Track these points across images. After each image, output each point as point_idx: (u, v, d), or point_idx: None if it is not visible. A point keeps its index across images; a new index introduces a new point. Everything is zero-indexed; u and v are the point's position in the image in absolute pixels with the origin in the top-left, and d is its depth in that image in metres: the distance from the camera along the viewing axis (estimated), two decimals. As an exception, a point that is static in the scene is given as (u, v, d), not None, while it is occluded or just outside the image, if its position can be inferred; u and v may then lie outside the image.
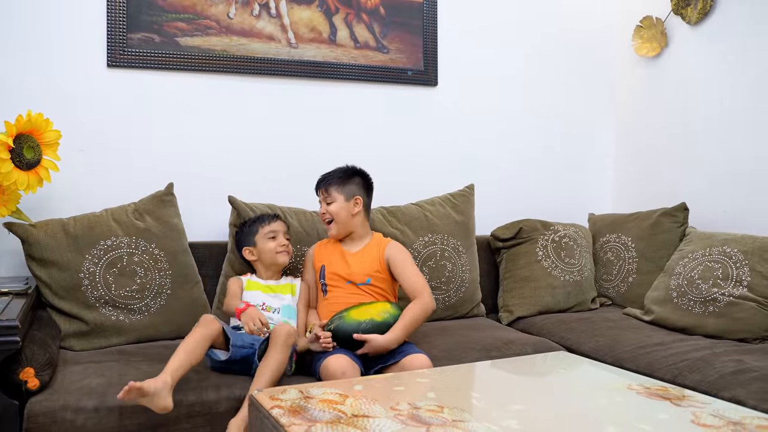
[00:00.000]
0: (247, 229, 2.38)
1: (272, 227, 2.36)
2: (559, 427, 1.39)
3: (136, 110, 2.64)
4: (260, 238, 2.35)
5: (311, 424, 1.35)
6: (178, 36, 2.66)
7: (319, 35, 2.89)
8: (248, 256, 2.37)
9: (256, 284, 2.33)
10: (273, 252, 2.33)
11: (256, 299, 2.26)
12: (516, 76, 3.29)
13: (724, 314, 2.38)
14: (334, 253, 2.35)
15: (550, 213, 3.18)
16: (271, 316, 2.23)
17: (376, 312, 2.10)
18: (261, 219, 2.39)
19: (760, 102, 2.74)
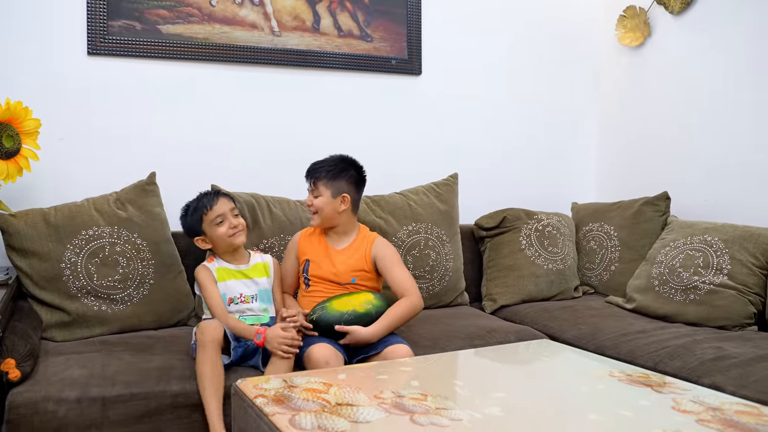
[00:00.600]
0: (190, 218, 2.18)
1: (216, 211, 2.15)
2: (542, 414, 1.40)
3: (117, 99, 2.61)
4: (208, 226, 2.15)
5: (295, 413, 1.35)
6: (160, 24, 2.64)
7: (302, 23, 2.87)
8: (202, 245, 2.20)
9: (227, 272, 2.17)
10: (225, 237, 2.15)
11: (233, 290, 2.14)
12: (500, 65, 3.30)
13: (705, 302, 2.41)
14: (320, 248, 2.27)
15: (533, 202, 3.19)
16: (250, 306, 2.15)
17: (359, 303, 2.09)
18: (201, 206, 2.17)
19: (742, 92, 2.76)
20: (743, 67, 2.75)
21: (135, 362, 1.94)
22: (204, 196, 2.21)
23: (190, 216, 2.19)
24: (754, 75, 2.72)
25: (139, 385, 1.81)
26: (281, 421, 1.32)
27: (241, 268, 2.19)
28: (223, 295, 2.12)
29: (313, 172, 2.26)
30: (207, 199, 2.18)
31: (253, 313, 2.14)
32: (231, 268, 2.18)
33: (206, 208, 2.15)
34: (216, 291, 2.11)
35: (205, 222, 2.15)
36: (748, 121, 2.74)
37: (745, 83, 2.74)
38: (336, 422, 1.30)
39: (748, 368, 1.88)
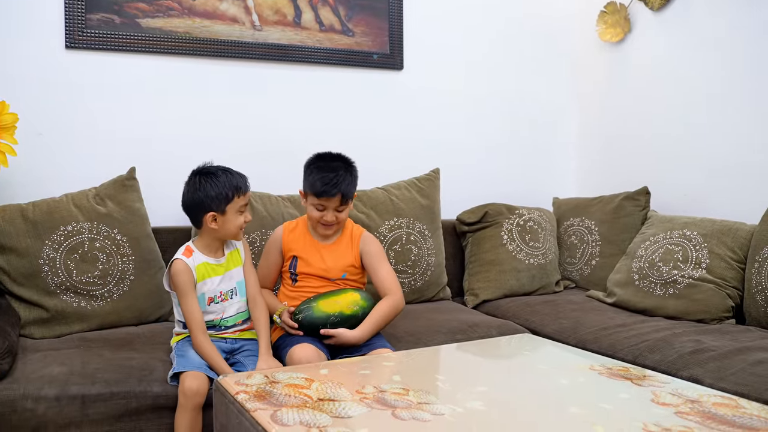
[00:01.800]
0: (220, 190, 1.95)
1: (246, 199, 2.01)
2: (523, 408, 1.41)
3: (96, 93, 2.58)
4: (232, 210, 1.97)
5: (277, 409, 1.35)
6: (139, 17, 2.61)
7: (283, 18, 2.85)
8: (210, 223, 1.96)
9: (208, 267, 1.99)
10: (238, 229, 2.00)
11: (213, 290, 1.99)
12: (481, 60, 3.30)
13: (684, 296, 2.43)
14: (306, 244, 2.19)
15: (515, 197, 3.21)
16: (230, 303, 2.03)
17: (346, 304, 2.05)
18: (241, 186, 1.99)
19: (720, 87, 2.79)
20: (721, 63, 2.78)
21: (115, 359, 1.92)
22: (239, 176, 2.01)
23: (219, 188, 1.95)
24: (731, 71, 2.74)
25: (120, 384, 1.79)
26: (263, 416, 1.31)
27: (220, 261, 2.03)
28: (203, 294, 1.98)
29: (343, 189, 2.09)
30: (243, 181, 2.00)
31: (231, 314, 2.03)
32: (211, 262, 2.01)
33: (242, 191, 1.99)
34: (195, 304, 1.92)
35: (233, 204, 1.97)
36: (727, 117, 2.77)
37: (723, 79, 2.77)
38: (318, 417, 1.30)
39: (726, 361, 1.91)
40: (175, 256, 1.98)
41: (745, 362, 1.88)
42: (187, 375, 1.81)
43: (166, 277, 1.99)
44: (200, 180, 1.98)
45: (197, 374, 1.81)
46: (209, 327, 1.98)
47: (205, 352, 1.89)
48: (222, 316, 2.02)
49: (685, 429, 1.26)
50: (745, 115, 2.69)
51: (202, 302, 1.97)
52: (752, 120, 2.67)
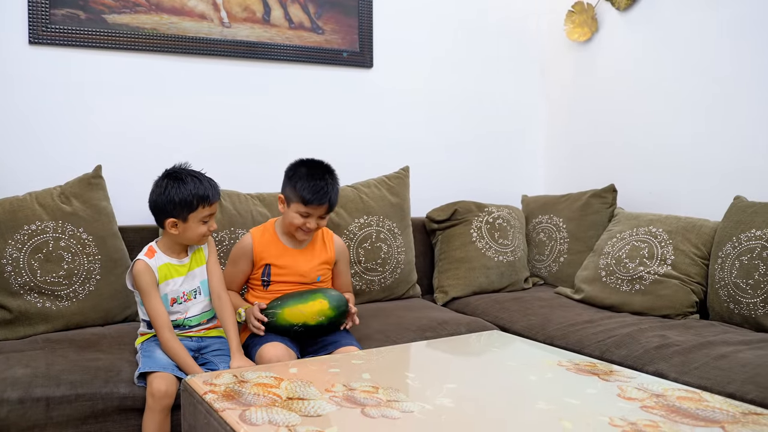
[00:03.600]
0: (184, 197, 1.91)
1: (212, 209, 1.97)
2: (492, 404, 1.42)
3: (61, 89, 2.54)
4: (194, 218, 1.93)
5: (245, 408, 1.34)
6: (105, 13, 2.57)
7: (252, 15, 2.83)
8: (171, 229, 1.93)
9: (170, 268, 1.96)
10: (200, 237, 1.96)
11: (176, 291, 1.96)
12: (450, 58, 3.31)
13: (650, 292, 2.47)
14: (279, 250, 2.15)
15: (484, 195, 3.23)
16: (194, 303, 2.00)
17: (312, 315, 2.00)
18: (206, 196, 1.93)
19: (684, 86, 2.83)
20: (686, 63, 2.82)
21: (81, 361, 1.89)
22: (210, 185, 1.96)
23: (184, 195, 1.91)
24: (696, 70, 2.79)
25: (86, 386, 1.76)
26: (231, 416, 1.31)
27: (183, 262, 2.00)
28: (165, 295, 1.94)
29: (331, 198, 2.09)
30: (212, 192, 1.96)
31: (195, 313, 2.00)
32: (174, 263, 1.97)
33: (208, 203, 1.94)
34: (159, 303, 1.90)
35: (196, 214, 1.93)
36: (691, 116, 2.81)
37: (688, 78, 2.82)
38: (287, 416, 1.30)
39: (690, 355, 1.94)
40: (137, 256, 1.96)
41: (708, 356, 1.91)
42: (155, 376, 1.78)
43: (129, 276, 1.96)
44: (167, 183, 1.94)
45: (165, 375, 1.79)
46: (174, 327, 1.95)
47: (172, 351, 1.86)
48: (186, 316, 1.99)
49: (650, 423, 1.28)
50: (709, 113, 2.74)
51: (165, 303, 1.95)
52: (716, 119, 2.72)
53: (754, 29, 2.58)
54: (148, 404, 1.76)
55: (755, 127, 2.59)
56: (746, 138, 2.62)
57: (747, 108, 2.61)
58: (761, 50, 2.56)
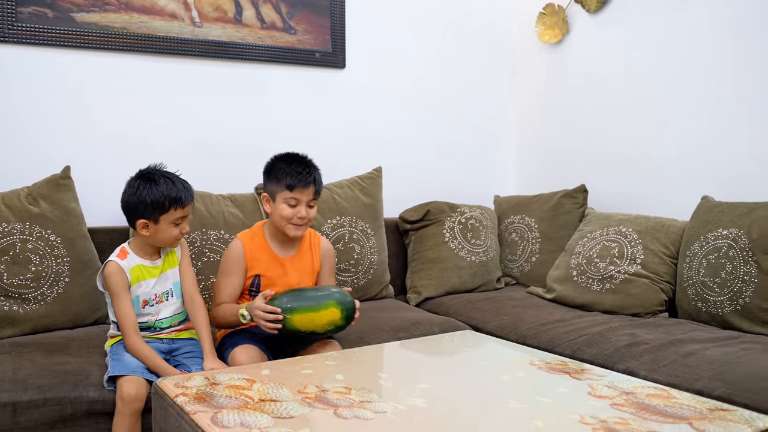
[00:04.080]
0: (155, 198, 1.89)
1: (184, 212, 1.94)
2: (464, 404, 1.43)
3: (29, 89, 2.50)
4: (166, 220, 1.90)
5: (217, 411, 1.33)
6: (74, 11, 2.54)
7: (224, 14, 2.81)
8: (142, 230, 1.91)
9: (143, 270, 1.94)
10: (172, 239, 1.95)
11: (147, 293, 1.94)
12: (422, 59, 3.32)
13: (620, 291, 2.50)
14: (268, 260, 2.09)
15: (456, 195, 3.24)
16: (166, 305, 1.97)
17: (321, 325, 1.88)
18: (177, 199, 1.90)
19: (653, 87, 2.87)
20: (655, 65, 2.86)
21: (49, 364, 1.86)
22: (183, 187, 1.93)
23: (155, 197, 1.88)
24: (664, 72, 2.83)
25: (54, 390, 1.73)
26: (203, 419, 1.30)
27: (156, 263, 1.98)
28: (137, 297, 1.92)
29: (316, 179, 2.06)
30: (186, 194, 1.93)
31: (166, 315, 1.98)
32: (147, 264, 1.96)
33: (179, 205, 1.91)
34: (128, 307, 1.87)
35: (168, 216, 1.90)
36: (660, 117, 2.85)
37: (656, 80, 2.86)
38: (259, 419, 1.29)
39: (659, 353, 1.97)
40: (109, 257, 1.93)
41: (676, 354, 1.94)
42: (125, 380, 1.76)
43: (100, 277, 1.94)
44: (139, 184, 1.91)
45: (135, 379, 1.77)
46: (144, 329, 1.94)
47: (141, 354, 1.84)
48: (157, 318, 1.97)
49: (620, 420, 1.29)
50: (679, 114, 2.78)
51: (137, 305, 1.93)
52: (685, 120, 2.76)
53: (722, 32, 2.62)
54: (117, 408, 1.74)
55: (722, 128, 2.63)
56: (713, 139, 2.66)
57: (713, 110, 2.66)
58: (729, 52, 2.61)
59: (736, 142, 2.59)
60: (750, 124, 2.55)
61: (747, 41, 2.54)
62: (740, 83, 2.57)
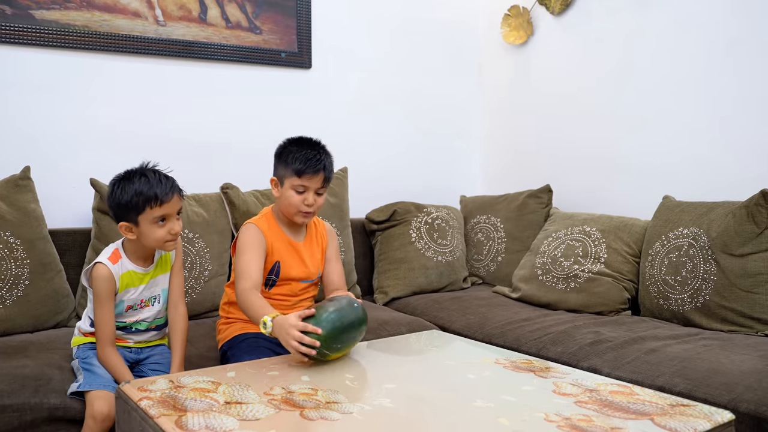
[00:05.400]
0: (128, 199, 1.76)
1: (164, 210, 1.78)
2: (431, 403, 1.43)
3: (-15, 88, 2.45)
4: (145, 221, 1.78)
5: (182, 414, 1.31)
6: (33, 8, 2.49)
7: (188, 13, 2.79)
8: (126, 233, 1.81)
9: (134, 276, 1.85)
10: (161, 241, 1.81)
11: (134, 299, 1.87)
12: (389, 59, 3.33)
13: (584, 289, 2.53)
14: (285, 245, 2.01)
15: (423, 195, 3.25)
16: (149, 309, 1.91)
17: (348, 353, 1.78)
18: (151, 196, 1.76)
19: (616, 89, 2.91)
20: (617, 67, 2.91)
21: (7, 369, 1.81)
22: (159, 182, 1.79)
23: (129, 197, 1.76)
24: (627, 74, 2.88)
25: (13, 396, 1.69)
26: (167, 423, 1.28)
27: (148, 270, 1.89)
28: (122, 302, 1.85)
29: (326, 167, 1.95)
30: (161, 190, 1.77)
31: (147, 320, 1.92)
32: (139, 271, 1.86)
33: (155, 202, 1.77)
34: (109, 315, 1.80)
35: (146, 215, 1.77)
36: (623, 119, 2.90)
37: (618, 80, 2.90)
38: (224, 421, 1.28)
39: (622, 350, 2.00)
40: (100, 257, 1.84)
41: (639, 351, 1.97)
42: (97, 396, 1.69)
43: (86, 274, 1.85)
44: (116, 184, 1.81)
45: (108, 395, 1.70)
46: (120, 328, 1.88)
47: (110, 364, 1.78)
48: (137, 319, 1.91)
49: (584, 417, 1.31)
50: (641, 116, 2.83)
51: (121, 307, 1.86)
52: (647, 121, 2.81)
53: (682, 34, 2.67)
54: (87, 425, 1.68)
55: (683, 129, 2.68)
56: (674, 139, 2.71)
57: (675, 111, 2.71)
58: (689, 55, 2.66)
59: (696, 143, 2.64)
60: (709, 125, 2.60)
61: (706, 43, 2.60)
62: (699, 86, 2.62)
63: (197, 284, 2.46)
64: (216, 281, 2.50)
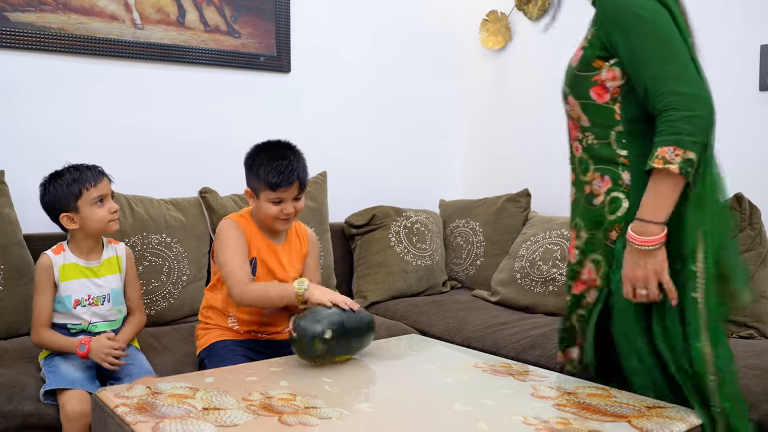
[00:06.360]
0: (64, 189, 1.88)
1: (100, 190, 1.90)
2: (409, 407, 1.43)
3: (-41, 91, 2.41)
4: (85, 204, 1.88)
5: (159, 421, 1.30)
6: (8, 11, 2.46)
7: (166, 17, 2.77)
8: (68, 224, 1.90)
9: (75, 269, 1.91)
10: (104, 222, 1.91)
11: (79, 291, 1.90)
12: (368, 63, 3.33)
13: (563, 293, 2.53)
14: (263, 245, 1.99)
15: (402, 199, 3.26)
16: (99, 310, 1.93)
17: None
18: (84, 179, 1.89)
19: (593, 94, 2.94)
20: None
21: (-21, 375, 1.79)
22: (87, 169, 1.92)
23: (64, 187, 1.88)
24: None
25: (-14, 403, 1.67)
26: (144, 430, 1.27)
27: (91, 264, 1.95)
28: (68, 296, 1.89)
29: (300, 176, 1.92)
30: (92, 173, 1.91)
31: (102, 319, 1.94)
32: (81, 264, 1.93)
33: (90, 183, 1.89)
34: (46, 302, 1.88)
35: (84, 198, 1.88)
36: (599, 123, 2.92)
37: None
38: (202, 427, 1.27)
39: (600, 354, 2.01)
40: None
41: (616, 354, 1.98)
42: (68, 397, 1.69)
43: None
44: (48, 183, 1.93)
45: (77, 393, 1.71)
46: (78, 332, 1.91)
47: (50, 342, 1.85)
48: (90, 321, 1.92)
49: (562, 420, 1.32)
50: (616, 121, 2.86)
51: (68, 303, 1.90)
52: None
53: (657, 41, 2.70)
54: (65, 428, 1.67)
55: (658, 133, 2.71)
56: (650, 144, 2.74)
57: (651, 116, 2.74)
58: (663, 61, 2.69)
59: (672, 148, 2.67)
60: (684, 130, 2.63)
61: (681, 50, 2.63)
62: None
63: (175, 289, 2.44)
64: (194, 286, 2.48)
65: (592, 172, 1.57)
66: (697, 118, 1.35)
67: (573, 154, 1.66)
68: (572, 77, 1.59)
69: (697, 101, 1.36)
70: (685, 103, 1.35)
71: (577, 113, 1.58)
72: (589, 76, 1.53)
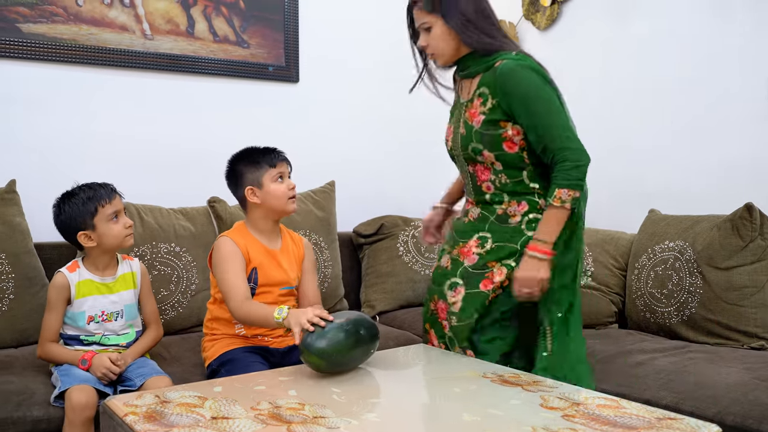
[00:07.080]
0: (80, 207, 1.92)
1: (114, 206, 1.96)
2: (418, 417, 1.43)
3: (-29, 101, 2.43)
4: (101, 221, 1.92)
5: (168, 430, 1.30)
6: (20, 22, 2.48)
7: (176, 27, 2.79)
8: (86, 242, 1.94)
9: (91, 285, 1.95)
10: (121, 237, 1.96)
11: (94, 307, 1.94)
12: (377, 73, 3.33)
13: (571, 302, 2.54)
14: (261, 252, 2.03)
15: (410, 209, 3.25)
16: (112, 326, 1.96)
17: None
18: (98, 197, 1.94)
19: (602, 103, 2.94)
20: (603, 81, 2.94)
21: (-14, 382, 1.80)
22: (100, 186, 1.97)
23: (80, 206, 1.92)
24: (613, 88, 2.90)
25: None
26: (152, 438, 1.27)
27: (106, 280, 1.98)
28: (82, 312, 1.92)
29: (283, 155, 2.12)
30: (105, 191, 1.96)
31: (114, 333, 1.97)
32: (96, 280, 1.96)
33: (105, 200, 1.94)
34: (56, 320, 1.91)
35: (100, 215, 1.92)
36: (607, 131, 2.92)
37: (605, 96, 2.93)
38: (210, 436, 1.27)
39: (609, 364, 2.01)
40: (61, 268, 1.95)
41: (625, 364, 1.98)
42: (73, 390, 1.74)
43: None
44: (61, 203, 1.97)
45: (84, 387, 1.75)
46: (91, 343, 1.93)
47: (56, 355, 1.88)
48: (103, 333, 1.96)
49: (571, 431, 1.31)
50: (627, 129, 2.85)
51: (82, 319, 1.92)
52: (633, 135, 2.83)
53: (663, 46, 2.70)
54: (68, 419, 1.71)
55: (668, 142, 2.71)
56: (661, 153, 2.74)
57: (660, 125, 2.73)
58: (671, 66, 2.69)
59: (682, 157, 2.66)
60: (693, 139, 2.62)
61: (686, 54, 2.63)
62: (684, 97, 2.65)
63: (183, 298, 2.45)
64: (202, 295, 2.49)
65: (506, 202, 1.90)
66: (584, 167, 1.82)
67: (481, 191, 1.97)
68: (480, 136, 1.88)
69: (582, 154, 1.82)
70: (575, 156, 1.80)
71: (491, 161, 1.89)
72: (499, 134, 1.85)
